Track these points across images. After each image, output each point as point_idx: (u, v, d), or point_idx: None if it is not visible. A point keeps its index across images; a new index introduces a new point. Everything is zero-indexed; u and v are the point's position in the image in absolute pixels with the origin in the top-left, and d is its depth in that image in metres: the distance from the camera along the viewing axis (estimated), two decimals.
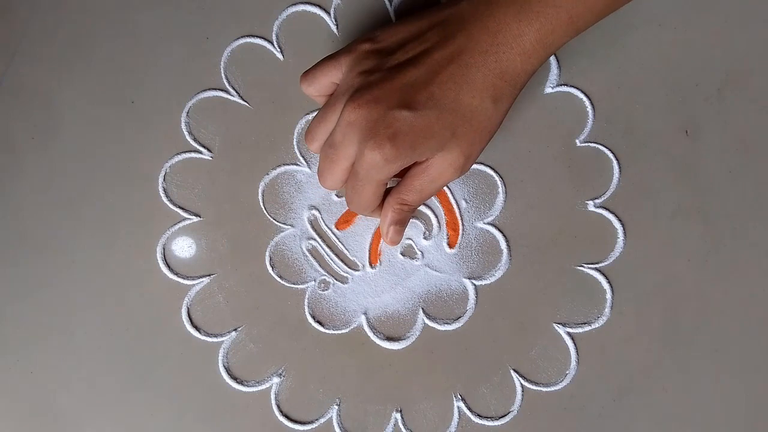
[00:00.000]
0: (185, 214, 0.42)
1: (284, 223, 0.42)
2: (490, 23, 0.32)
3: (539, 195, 0.42)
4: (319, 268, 0.42)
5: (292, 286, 0.42)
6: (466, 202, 0.43)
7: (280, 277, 0.42)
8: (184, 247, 0.42)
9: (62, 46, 0.43)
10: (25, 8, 0.43)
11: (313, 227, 0.42)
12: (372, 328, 0.42)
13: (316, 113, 0.36)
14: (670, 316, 0.42)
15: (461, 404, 0.42)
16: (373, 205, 0.35)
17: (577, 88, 0.42)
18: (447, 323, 0.42)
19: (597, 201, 0.42)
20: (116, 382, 0.42)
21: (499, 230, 0.42)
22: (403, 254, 0.43)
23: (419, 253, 0.42)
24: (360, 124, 0.32)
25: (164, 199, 0.42)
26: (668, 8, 0.43)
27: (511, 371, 0.42)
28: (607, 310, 0.42)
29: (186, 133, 0.42)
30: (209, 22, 0.43)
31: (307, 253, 0.42)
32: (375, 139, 0.32)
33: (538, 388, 0.42)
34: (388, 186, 0.35)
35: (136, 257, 0.42)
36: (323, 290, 0.42)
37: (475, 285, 0.42)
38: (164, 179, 0.42)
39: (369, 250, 0.43)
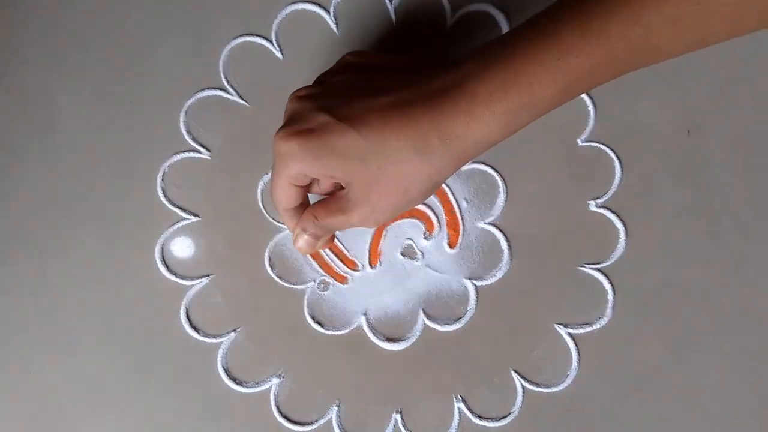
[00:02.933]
0: (184, 214, 0.42)
1: (284, 223, 0.42)
2: (448, 77, 0.30)
3: (540, 195, 0.42)
4: (319, 269, 0.42)
5: (292, 286, 0.42)
6: (467, 202, 0.42)
7: (280, 277, 0.42)
8: (182, 248, 0.42)
9: (62, 46, 0.43)
10: (24, 8, 0.43)
11: None
12: (372, 328, 0.42)
13: None
14: (672, 316, 0.42)
15: (461, 405, 0.41)
16: (280, 203, 0.34)
17: None
18: (447, 324, 0.42)
19: (599, 201, 0.42)
20: (116, 382, 0.42)
21: (500, 230, 0.42)
22: (403, 254, 0.42)
23: (419, 253, 0.42)
24: (287, 114, 0.32)
25: (163, 199, 0.42)
26: None
27: (512, 372, 0.42)
28: (608, 310, 0.42)
29: (185, 132, 0.42)
30: (208, 21, 0.43)
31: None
32: (286, 130, 0.31)
33: (539, 389, 0.41)
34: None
35: (134, 257, 0.42)
36: (323, 291, 0.42)
37: (475, 285, 0.42)
38: (163, 179, 0.42)
39: (369, 250, 0.42)
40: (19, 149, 0.42)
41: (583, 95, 0.42)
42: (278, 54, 0.43)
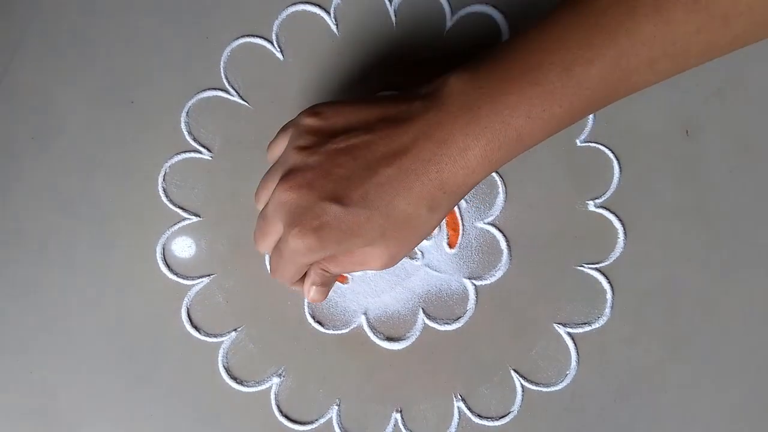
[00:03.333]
0: (185, 214, 0.42)
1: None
2: (437, 132, 0.31)
3: (539, 195, 0.42)
4: None
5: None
6: (467, 202, 0.43)
7: None
8: (183, 247, 0.42)
9: (62, 46, 0.43)
10: (25, 8, 0.43)
11: None
12: (372, 328, 0.42)
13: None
14: (671, 316, 0.42)
15: (461, 404, 0.42)
16: (293, 280, 0.35)
17: None
18: (447, 323, 0.42)
19: (597, 201, 0.42)
20: (116, 382, 0.42)
21: (500, 230, 0.42)
22: None
23: (419, 253, 0.42)
24: (289, 207, 0.32)
25: (164, 199, 0.42)
26: None
27: (512, 371, 0.42)
28: (607, 310, 0.42)
29: (186, 132, 0.42)
30: (209, 22, 0.43)
31: None
32: (300, 228, 0.31)
33: (539, 389, 0.42)
34: None
35: (135, 257, 0.42)
36: None
37: (475, 285, 0.42)
38: (164, 179, 0.42)
39: None
40: (19, 149, 0.42)
41: None
42: (279, 55, 0.43)
